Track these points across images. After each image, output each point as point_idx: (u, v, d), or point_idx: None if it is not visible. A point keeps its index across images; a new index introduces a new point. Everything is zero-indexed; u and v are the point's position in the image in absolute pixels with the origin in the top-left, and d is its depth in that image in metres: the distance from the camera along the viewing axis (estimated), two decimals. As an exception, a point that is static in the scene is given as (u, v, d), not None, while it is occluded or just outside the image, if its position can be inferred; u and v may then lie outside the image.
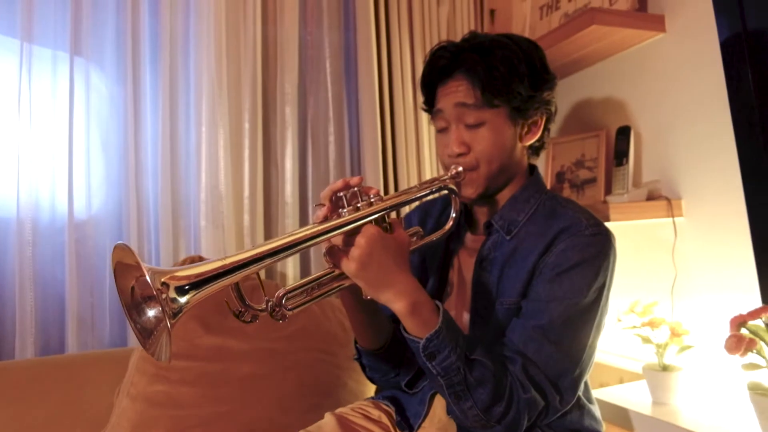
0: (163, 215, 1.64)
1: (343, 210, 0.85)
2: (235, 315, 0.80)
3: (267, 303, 0.81)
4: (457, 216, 1.03)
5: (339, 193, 0.88)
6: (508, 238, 1.02)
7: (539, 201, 1.05)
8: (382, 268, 0.84)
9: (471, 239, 1.11)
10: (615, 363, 1.58)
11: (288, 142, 1.81)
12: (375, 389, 1.48)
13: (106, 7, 1.63)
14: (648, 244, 1.55)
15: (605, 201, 1.54)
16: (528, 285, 0.97)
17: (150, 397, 1.31)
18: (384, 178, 1.87)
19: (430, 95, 1.08)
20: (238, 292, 0.79)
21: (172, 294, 0.65)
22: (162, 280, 0.65)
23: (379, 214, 0.87)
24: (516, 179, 1.07)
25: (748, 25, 1.25)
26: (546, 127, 1.08)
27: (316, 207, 0.90)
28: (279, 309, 0.82)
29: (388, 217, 0.89)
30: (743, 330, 1.11)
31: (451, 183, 1.00)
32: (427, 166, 1.94)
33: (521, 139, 1.05)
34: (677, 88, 1.49)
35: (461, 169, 1.00)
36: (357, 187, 0.87)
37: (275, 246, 0.75)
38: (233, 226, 1.70)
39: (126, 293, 0.70)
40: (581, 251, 0.94)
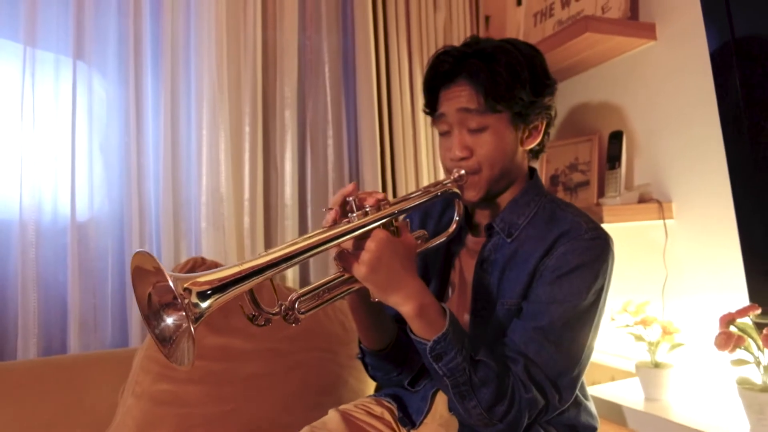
0: (165, 217, 1.64)
1: (352, 214, 0.86)
2: (249, 319, 0.80)
3: (280, 306, 0.82)
4: (461, 219, 1.04)
5: (348, 198, 0.88)
6: (508, 240, 1.03)
7: (539, 204, 1.06)
8: (391, 271, 0.85)
9: (472, 241, 1.12)
10: (607, 362, 1.60)
11: (287, 145, 1.82)
12: (376, 387, 1.48)
13: (108, 12, 1.63)
14: (640, 245, 1.58)
15: (598, 203, 1.56)
16: (528, 287, 0.98)
17: (155, 396, 1.32)
18: (382, 180, 1.89)
19: (432, 99, 1.07)
20: (252, 296, 0.79)
21: (194, 299, 0.66)
22: (184, 285, 0.66)
23: (387, 218, 0.88)
24: (517, 182, 1.08)
25: (736, 34, 1.27)
26: (546, 132, 1.09)
27: (325, 211, 0.90)
28: (292, 312, 0.83)
29: (395, 221, 0.90)
30: (732, 327, 1.14)
31: (454, 186, 1.01)
32: (425, 168, 1.95)
33: (522, 143, 1.06)
34: (668, 94, 1.51)
35: (464, 172, 1.01)
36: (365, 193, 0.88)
37: (290, 251, 0.76)
38: (233, 227, 1.71)
39: (143, 299, 0.70)
40: (581, 255, 0.96)
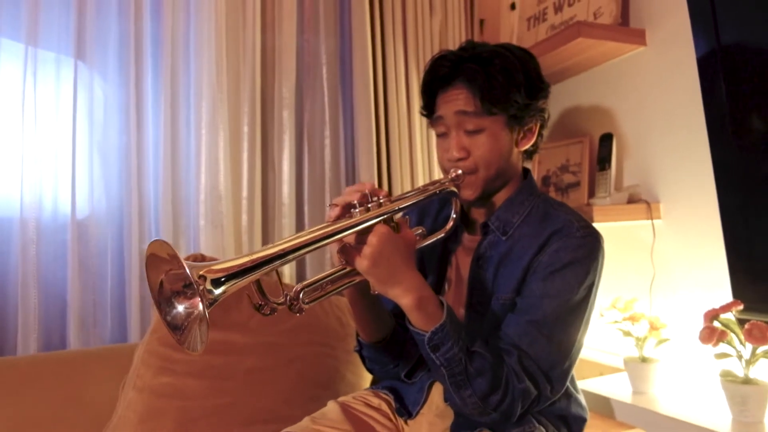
0: (164, 215, 1.66)
1: (355, 210, 0.89)
2: (256, 308, 0.83)
3: (286, 297, 0.85)
4: (457, 217, 1.07)
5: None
6: (503, 238, 1.07)
7: (533, 203, 1.09)
8: (391, 265, 0.88)
9: (468, 239, 1.15)
10: (596, 358, 1.64)
11: (285, 145, 1.83)
12: (372, 380, 1.51)
13: (109, 13, 1.64)
14: (628, 244, 1.62)
15: (589, 204, 1.60)
16: (522, 282, 1.02)
17: (156, 389, 1.33)
18: (378, 180, 1.91)
19: (430, 101, 1.09)
20: (258, 286, 0.82)
21: (209, 286, 0.69)
22: (200, 272, 0.69)
23: (388, 215, 0.91)
24: (511, 182, 1.11)
25: (722, 41, 1.30)
26: (540, 133, 1.12)
27: (329, 207, 0.93)
28: (297, 303, 0.86)
29: (395, 218, 0.93)
30: (715, 323, 1.19)
31: (451, 185, 1.04)
32: (420, 168, 1.98)
33: (517, 145, 1.09)
34: (656, 98, 1.55)
35: (461, 172, 1.04)
36: (369, 191, 0.91)
37: (297, 243, 0.79)
38: (232, 225, 1.73)
39: (155, 286, 0.73)
40: (573, 252, 0.99)
